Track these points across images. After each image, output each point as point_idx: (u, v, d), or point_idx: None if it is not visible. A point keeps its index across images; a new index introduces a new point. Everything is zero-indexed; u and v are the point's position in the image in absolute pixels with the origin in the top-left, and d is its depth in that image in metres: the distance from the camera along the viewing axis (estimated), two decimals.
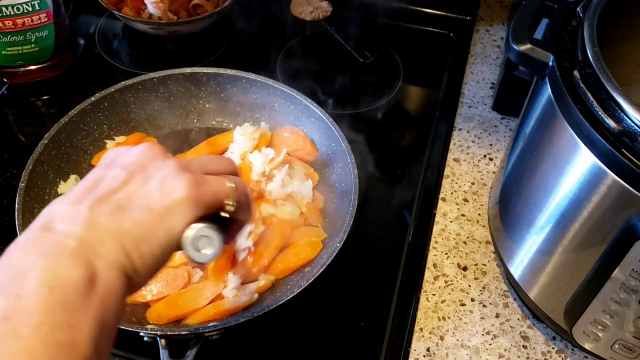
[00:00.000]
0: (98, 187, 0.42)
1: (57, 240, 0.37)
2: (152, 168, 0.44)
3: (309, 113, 0.84)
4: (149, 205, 0.41)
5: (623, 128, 0.49)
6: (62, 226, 0.38)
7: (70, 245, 0.37)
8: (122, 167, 0.44)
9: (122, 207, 0.40)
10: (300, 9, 1.12)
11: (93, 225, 0.38)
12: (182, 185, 0.43)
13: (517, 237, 0.67)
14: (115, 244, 0.38)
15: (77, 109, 0.82)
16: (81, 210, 0.39)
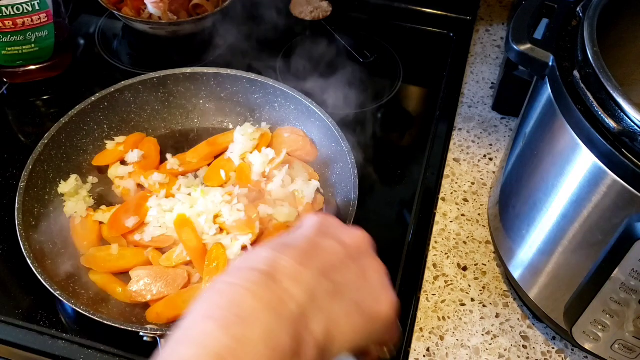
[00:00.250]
0: (318, 256, 0.42)
1: (282, 298, 0.37)
2: (368, 264, 0.45)
3: (309, 113, 0.84)
4: (361, 306, 0.42)
5: (623, 128, 0.49)
6: (288, 283, 0.38)
7: (293, 311, 0.37)
8: (340, 243, 0.44)
9: (340, 292, 0.41)
10: (300, 9, 1.12)
11: (313, 297, 0.39)
12: (392, 302, 0.44)
13: (517, 237, 0.67)
14: (325, 327, 0.39)
15: (77, 109, 0.82)
16: (306, 275, 0.40)
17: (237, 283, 0.38)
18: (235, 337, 0.34)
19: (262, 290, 0.37)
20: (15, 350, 0.67)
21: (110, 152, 0.83)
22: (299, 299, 0.38)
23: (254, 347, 0.34)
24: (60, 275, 0.69)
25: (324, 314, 0.39)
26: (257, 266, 0.39)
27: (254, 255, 0.41)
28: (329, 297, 0.40)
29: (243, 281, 0.38)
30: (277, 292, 0.38)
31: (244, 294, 0.37)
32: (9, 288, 0.73)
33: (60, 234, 0.74)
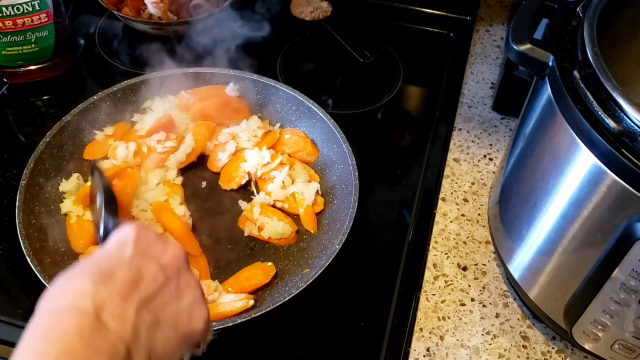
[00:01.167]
0: (140, 286, 0.45)
1: (111, 342, 0.40)
2: (184, 282, 0.48)
3: (310, 114, 0.84)
4: (176, 325, 0.46)
5: (623, 128, 0.49)
6: (114, 325, 0.41)
7: (121, 352, 0.40)
8: (159, 267, 0.47)
9: (158, 322, 0.44)
10: (300, 9, 1.12)
11: (137, 334, 0.42)
12: (203, 318, 0.48)
13: (517, 237, 0.67)
14: (146, 357, 0.42)
15: (79, 108, 0.82)
16: (129, 311, 0.42)
17: (67, 329, 0.39)
18: None
19: (92, 336, 0.40)
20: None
21: (100, 144, 0.83)
22: (126, 339, 0.41)
23: None
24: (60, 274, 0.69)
25: (145, 347, 0.42)
26: (83, 305, 0.41)
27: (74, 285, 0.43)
28: (149, 331, 0.43)
29: (73, 326, 0.40)
30: (106, 337, 0.40)
31: (77, 342, 0.39)
32: (9, 288, 0.73)
33: (60, 232, 0.74)
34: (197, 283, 0.49)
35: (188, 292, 0.48)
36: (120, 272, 0.44)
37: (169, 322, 0.45)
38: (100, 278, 0.43)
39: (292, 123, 0.87)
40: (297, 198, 0.78)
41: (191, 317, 0.47)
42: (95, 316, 0.40)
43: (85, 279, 0.43)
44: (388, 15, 1.13)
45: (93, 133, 0.84)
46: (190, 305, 0.47)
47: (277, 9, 1.11)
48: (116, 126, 0.85)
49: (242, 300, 0.68)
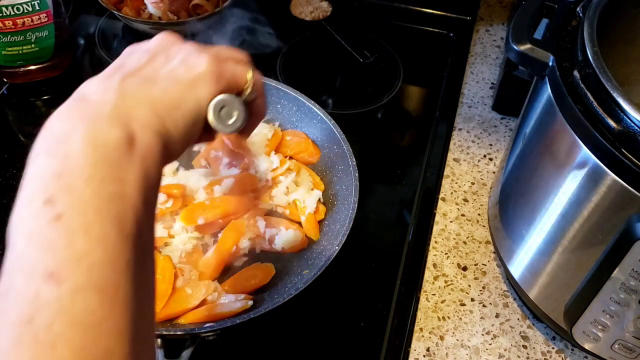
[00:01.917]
0: (124, 66, 0.43)
1: (93, 107, 0.38)
2: (173, 49, 0.45)
3: (312, 115, 0.84)
4: (176, 78, 0.43)
5: (623, 128, 0.49)
6: (96, 96, 0.39)
7: (106, 111, 0.38)
8: (144, 50, 0.45)
9: (151, 79, 0.42)
10: (300, 9, 1.12)
11: (125, 94, 0.40)
12: (205, 61, 0.45)
13: (517, 237, 0.67)
14: (148, 109, 0.40)
15: None
16: (112, 82, 0.40)
17: (49, 120, 0.39)
18: (61, 154, 0.36)
19: (69, 111, 0.39)
20: None
21: None
22: (111, 100, 0.39)
23: (81, 152, 0.36)
24: None
25: (145, 102, 0.40)
26: (66, 101, 0.40)
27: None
28: (140, 87, 0.41)
29: (53, 116, 0.39)
30: (87, 106, 0.39)
31: (54, 123, 0.38)
32: None
33: None
34: (190, 45, 0.47)
35: (178, 53, 0.45)
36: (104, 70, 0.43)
37: (164, 77, 0.43)
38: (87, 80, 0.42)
39: (293, 124, 0.87)
40: (299, 206, 0.77)
41: (189, 66, 0.44)
42: (76, 99, 0.40)
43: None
44: (388, 15, 1.13)
45: None
46: (183, 60, 0.44)
47: (277, 9, 1.12)
48: None
49: (241, 300, 0.68)
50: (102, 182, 0.35)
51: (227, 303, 0.68)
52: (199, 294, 0.68)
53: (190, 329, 0.63)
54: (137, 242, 0.36)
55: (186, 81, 0.43)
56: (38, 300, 0.32)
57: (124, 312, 0.34)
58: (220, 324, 0.63)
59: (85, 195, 0.35)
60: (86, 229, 0.34)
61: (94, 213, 0.34)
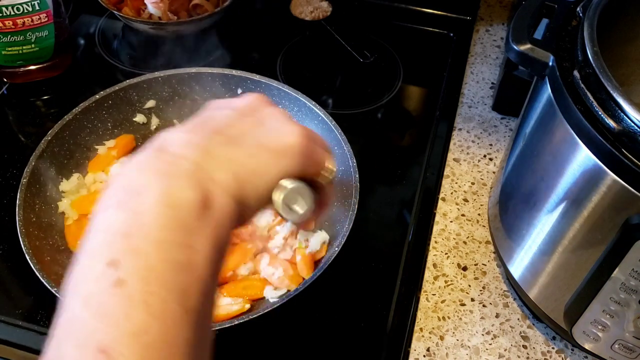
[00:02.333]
0: (211, 121, 0.41)
1: (173, 161, 0.36)
2: (263, 113, 0.43)
3: (312, 115, 0.84)
4: (263, 144, 0.40)
5: (623, 128, 0.49)
6: (177, 149, 0.37)
7: (186, 168, 0.36)
8: (233, 108, 0.43)
9: (237, 140, 0.39)
10: (300, 9, 1.12)
11: (208, 152, 0.37)
12: (297, 132, 0.42)
13: (517, 237, 0.67)
14: (230, 172, 0.37)
15: (81, 106, 0.82)
16: (196, 136, 0.38)
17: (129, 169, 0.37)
18: (132, 209, 0.34)
19: (150, 162, 0.36)
20: (16, 350, 0.67)
21: (104, 157, 0.82)
22: (192, 156, 0.36)
23: (153, 210, 0.33)
24: (59, 272, 0.69)
25: (228, 164, 0.37)
26: (146, 149, 0.38)
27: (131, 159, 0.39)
28: (225, 147, 0.38)
29: (130, 164, 0.37)
30: (167, 159, 0.36)
31: (130, 173, 0.36)
32: (9, 288, 0.73)
33: (60, 231, 0.74)
34: (282, 112, 0.44)
35: (272, 119, 0.42)
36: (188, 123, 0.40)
37: (250, 140, 0.39)
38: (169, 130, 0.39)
39: None
40: (300, 246, 0.73)
41: (279, 135, 0.41)
42: (154, 149, 0.37)
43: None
44: (388, 15, 1.13)
45: (95, 132, 0.84)
46: (274, 127, 0.41)
47: (277, 9, 1.12)
48: (118, 139, 0.85)
49: (239, 303, 0.68)
50: (171, 248, 0.33)
51: (224, 306, 0.68)
52: None
53: None
54: (199, 317, 0.33)
55: (274, 149, 0.40)
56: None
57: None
58: (219, 325, 0.63)
59: (151, 262, 0.32)
60: (147, 300, 0.31)
61: (158, 284, 0.32)
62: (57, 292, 0.63)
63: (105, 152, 0.83)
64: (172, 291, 0.32)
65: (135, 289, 0.31)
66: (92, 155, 0.83)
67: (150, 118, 0.88)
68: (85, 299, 0.32)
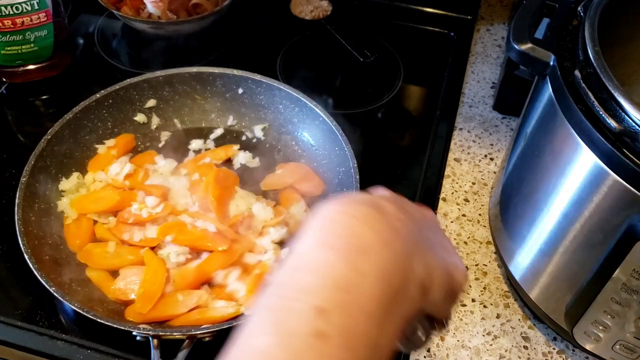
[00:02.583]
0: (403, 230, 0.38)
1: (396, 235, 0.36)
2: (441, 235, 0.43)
3: (313, 116, 0.84)
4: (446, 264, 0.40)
5: (624, 128, 0.49)
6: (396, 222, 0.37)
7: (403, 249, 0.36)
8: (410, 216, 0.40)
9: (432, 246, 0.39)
10: (300, 9, 1.12)
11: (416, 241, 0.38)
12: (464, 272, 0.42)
13: (518, 238, 0.67)
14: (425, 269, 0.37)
15: (81, 105, 0.82)
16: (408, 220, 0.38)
17: (353, 214, 0.36)
18: (355, 268, 0.33)
19: (378, 224, 0.36)
20: (14, 350, 0.67)
21: (104, 157, 0.82)
22: (408, 238, 0.37)
23: (372, 280, 0.33)
24: (58, 272, 0.69)
25: (423, 259, 0.37)
26: (363, 201, 0.37)
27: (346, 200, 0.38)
28: (426, 246, 0.38)
29: (357, 212, 0.36)
30: (390, 228, 0.36)
31: (362, 226, 0.35)
32: (8, 288, 0.73)
33: (59, 231, 0.74)
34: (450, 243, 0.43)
35: (448, 245, 0.42)
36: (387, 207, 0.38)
37: (440, 254, 0.40)
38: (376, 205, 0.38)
39: (295, 125, 0.86)
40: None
41: (456, 266, 0.41)
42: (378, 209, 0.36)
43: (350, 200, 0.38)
44: (388, 14, 1.13)
45: (95, 131, 0.83)
46: (453, 256, 0.41)
47: (277, 9, 1.11)
48: (118, 138, 0.84)
49: (233, 306, 0.67)
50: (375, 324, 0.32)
51: (219, 308, 0.67)
52: (190, 302, 0.67)
53: (187, 330, 0.63)
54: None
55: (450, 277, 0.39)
56: None
57: None
58: (218, 326, 0.63)
59: (357, 329, 0.32)
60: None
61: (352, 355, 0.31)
62: (56, 292, 0.63)
63: (105, 151, 0.83)
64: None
65: (333, 348, 0.31)
66: (92, 155, 0.83)
67: (150, 117, 0.88)
68: (285, 339, 0.31)
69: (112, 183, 0.79)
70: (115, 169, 0.80)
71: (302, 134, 0.86)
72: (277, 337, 0.31)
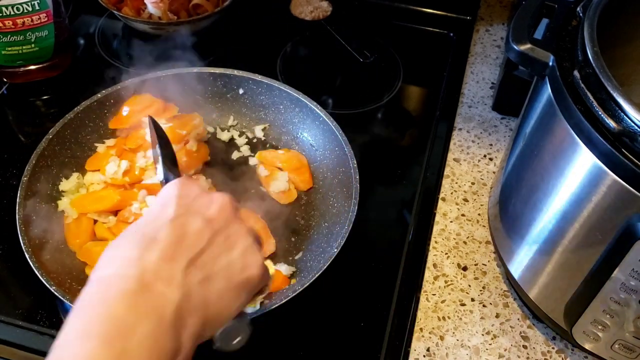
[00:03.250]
0: (185, 243, 0.44)
1: (158, 304, 0.39)
2: (233, 232, 0.47)
3: (314, 116, 0.84)
4: (230, 278, 0.44)
5: (623, 128, 0.49)
6: (161, 287, 0.40)
7: (170, 314, 0.39)
8: (205, 220, 0.46)
9: (209, 277, 0.43)
10: (300, 9, 1.12)
11: (187, 293, 0.41)
12: (259, 263, 0.47)
13: (517, 237, 0.67)
14: (200, 317, 0.41)
15: (83, 105, 0.82)
16: (176, 272, 0.41)
17: (111, 295, 0.39)
18: (117, 352, 0.36)
19: (139, 301, 0.39)
20: (16, 350, 0.67)
21: (102, 156, 0.82)
22: (175, 300, 0.40)
23: (136, 352, 0.36)
24: (58, 271, 0.69)
25: (201, 308, 0.41)
26: (127, 272, 0.40)
27: (120, 253, 0.43)
28: (201, 287, 0.42)
29: (117, 292, 0.39)
30: (153, 300, 0.39)
31: (121, 307, 0.38)
32: (9, 288, 0.73)
33: (60, 230, 0.74)
34: (247, 231, 0.48)
35: (239, 241, 0.46)
36: (163, 233, 0.43)
37: (221, 274, 0.44)
38: (143, 243, 0.43)
39: (295, 125, 0.86)
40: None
41: (245, 266, 0.46)
42: (139, 281, 0.40)
43: (130, 246, 0.43)
44: (388, 15, 1.13)
45: (96, 131, 0.83)
46: (242, 254, 0.46)
47: (277, 9, 1.12)
48: (118, 139, 0.84)
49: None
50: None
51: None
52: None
53: None
54: None
55: (237, 283, 0.45)
56: None
57: None
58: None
59: None
60: None
61: None
62: (56, 292, 0.63)
63: (104, 150, 0.83)
64: None
65: None
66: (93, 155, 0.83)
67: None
68: None
69: (112, 182, 0.79)
70: (112, 168, 0.80)
71: (302, 134, 0.86)
72: None
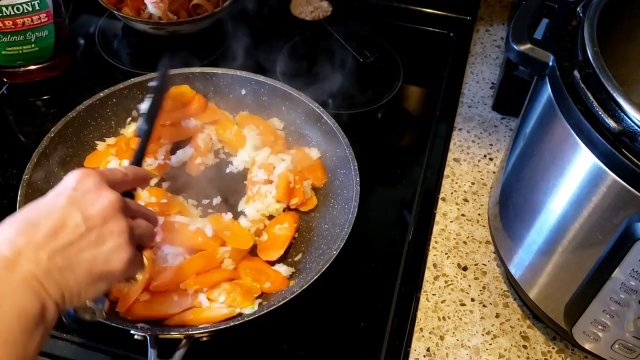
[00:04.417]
0: (60, 235, 0.50)
1: (25, 278, 0.47)
2: (107, 230, 0.52)
3: (315, 117, 0.84)
4: (91, 269, 0.51)
5: (623, 128, 0.49)
6: (27, 265, 0.47)
7: (34, 286, 0.47)
8: (84, 216, 0.52)
9: (71, 265, 0.50)
10: (300, 9, 1.12)
11: (48, 274, 0.48)
12: (122, 261, 0.53)
13: (517, 237, 0.67)
14: (60, 292, 0.49)
15: (85, 104, 0.82)
16: (42, 257, 0.48)
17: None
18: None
19: (6, 274, 0.46)
20: None
21: (102, 154, 0.82)
22: (38, 276, 0.47)
23: (6, 317, 0.44)
24: None
25: (61, 286, 0.49)
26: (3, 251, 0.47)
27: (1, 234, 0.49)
28: (61, 273, 0.49)
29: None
30: (21, 274, 0.47)
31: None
32: None
33: None
34: (123, 230, 0.53)
35: (110, 239, 0.52)
36: (45, 221, 0.50)
37: (83, 265, 0.50)
38: (23, 228, 0.49)
39: (297, 126, 0.87)
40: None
41: (108, 261, 0.52)
42: (10, 259, 0.47)
43: (11, 228, 0.49)
44: (388, 15, 1.13)
45: (98, 129, 0.83)
46: (109, 251, 0.52)
47: (277, 9, 1.12)
48: (119, 138, 0.84)
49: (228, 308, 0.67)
50: (14, 347, 0.44)
51: (214, 308, 0.67)
52: (185, 302, 0.67)
53: (184, 330, 0.63)
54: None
55: (98, 277, 0.51)
56: None
57: None
58: (215, 326, 0.63)
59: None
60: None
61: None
62: None
63: (104, 148, 0.83)
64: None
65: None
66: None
67: None
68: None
69: None
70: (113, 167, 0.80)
71: (304, 135, 0.86)
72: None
